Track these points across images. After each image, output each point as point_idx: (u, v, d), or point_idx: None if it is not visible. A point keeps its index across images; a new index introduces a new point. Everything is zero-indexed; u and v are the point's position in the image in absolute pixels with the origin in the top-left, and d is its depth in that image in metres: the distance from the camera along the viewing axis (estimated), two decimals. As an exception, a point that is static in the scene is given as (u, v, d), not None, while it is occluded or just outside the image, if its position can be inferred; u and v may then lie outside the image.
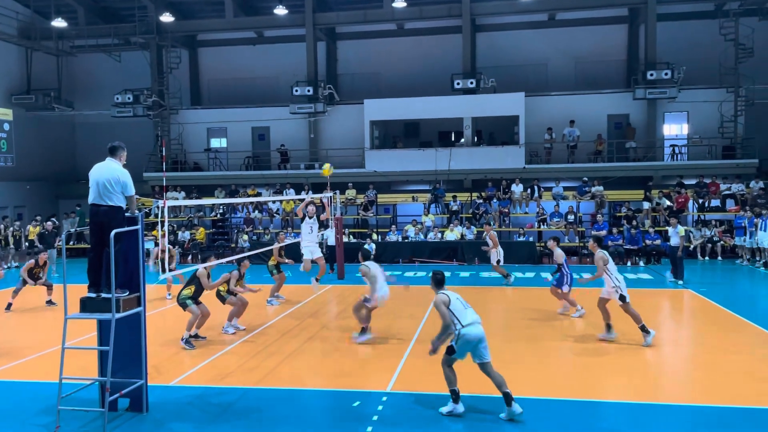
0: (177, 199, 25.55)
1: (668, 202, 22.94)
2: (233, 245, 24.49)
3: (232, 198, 25.44)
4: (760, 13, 24.72)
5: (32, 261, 14.71)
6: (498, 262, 16.85)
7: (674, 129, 26.79)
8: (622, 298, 10.29)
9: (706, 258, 21.50)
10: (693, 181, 24.07)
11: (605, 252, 10.79)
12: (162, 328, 12.06)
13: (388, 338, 11.24)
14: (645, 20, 25.55)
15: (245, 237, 24.07)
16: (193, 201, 23.88)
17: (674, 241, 16.56)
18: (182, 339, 10.74)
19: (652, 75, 24.44)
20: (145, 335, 7.84)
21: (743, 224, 20.54)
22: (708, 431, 6.94)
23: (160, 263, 9.46)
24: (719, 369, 9.13)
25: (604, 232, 18.18)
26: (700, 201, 23.30)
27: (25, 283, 14.42)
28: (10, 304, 14.15)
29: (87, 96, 31.18)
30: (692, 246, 21.07)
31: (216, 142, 30.03)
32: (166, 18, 27.50)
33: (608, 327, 10.74)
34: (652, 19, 25.17)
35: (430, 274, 7.86)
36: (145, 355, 7.78)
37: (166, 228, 8.37)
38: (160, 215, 8.22)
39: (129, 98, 28.07)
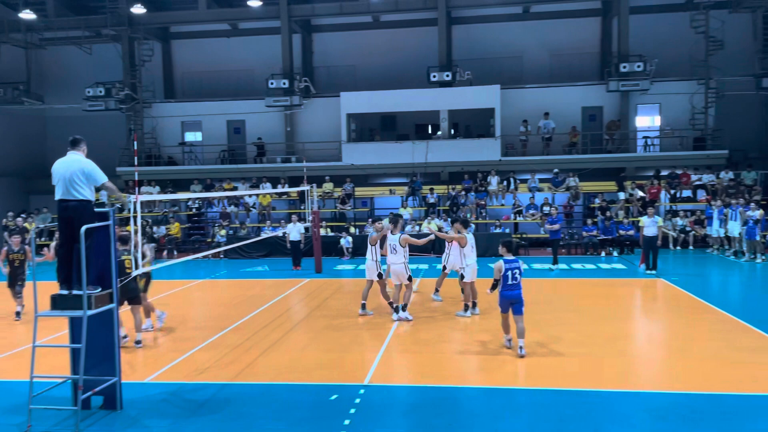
0: (152, 194, 25.26)
1: (641, 193, 23.28)
2: (209, 240, 24.28)
3: (207, 192, 25.20)
4: (729, 5, 25.11)
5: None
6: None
7: (647, 121, 27.16)
8: (462, 277, 12.32)
9: (678, 248, 21.88)
10: (665, 172, 24.45)
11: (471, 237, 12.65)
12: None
13: (366, 331, 11.25)
14: (618, 13, 25.80)
15: (222, 232, 23.88)
16: (167, 195, 23.62)
17: (652, 230, 16.77)
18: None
19: (624, 67, 24.70)
20: (119, 332, 7.74)
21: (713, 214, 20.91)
22: (680, 417, 7.07)
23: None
24: (691, 356, 9.32)
25: (557, 226, 18.32)
26: (672, 192, 23.68)
27: None
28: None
29: (58, 89, 30.58)
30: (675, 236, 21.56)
31: (191, 136, 29.69)
32: (138, 10, 27.03)
33: (466, 307, 12.23)
34: (625, 12, 25.43)
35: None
36: (119, 352, 7.69)
37: (139, 224, 8.25)
38: (132, 210, 8.10)
39: (101, 92, 27.58)
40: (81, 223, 7.09)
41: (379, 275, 12.36)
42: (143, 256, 10.82)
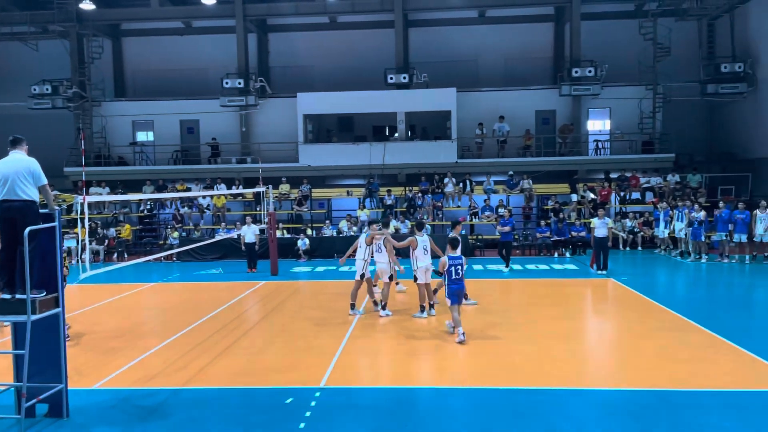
0: (101, 194, 24.55)
1: (592, 195, 23.85)
2: (162, 242, 23.75)
3: (159, 193, 24.65)
4: (676, 13, 26.00)
5: None
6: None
7: (598, 125, 27.86)
8: (415, 278, 12.12)
9: (627, 249, 22.48)
10: (615, 175, 25.13)
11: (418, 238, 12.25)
12: (85, 329, 11.55)
13: (322, 333, 11.18)
14: (570, 19, 26.41)
15: (175, 234, 23.38)
16: (117, 197, 23.00)
17: (602, 232, 17.17)
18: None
19: (576, 72, 25.30)
20: (65, 337, 7.48)
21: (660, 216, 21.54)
22: (631, 414, 7.24)
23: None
24: (639, 353, 9.56)
25: (507, 228, 18.60)
26: (622, 194, 24.35)
27: None
28: None
29: (1, 86, 29.45)
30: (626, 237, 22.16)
31: (142, 136, 28.99)
32: (87, 5, 26.28)
33: (422, 308, 12.17)
34: (577, 18, 26.05)
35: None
36: (65, 357, 7.42)
37: (86, 225, 8.00)
38: (79, 212, 7.85)
39: (47, 89, 26.70)
40: (25, 224, 6.84)
41: (362, 276, 12.52)
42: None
